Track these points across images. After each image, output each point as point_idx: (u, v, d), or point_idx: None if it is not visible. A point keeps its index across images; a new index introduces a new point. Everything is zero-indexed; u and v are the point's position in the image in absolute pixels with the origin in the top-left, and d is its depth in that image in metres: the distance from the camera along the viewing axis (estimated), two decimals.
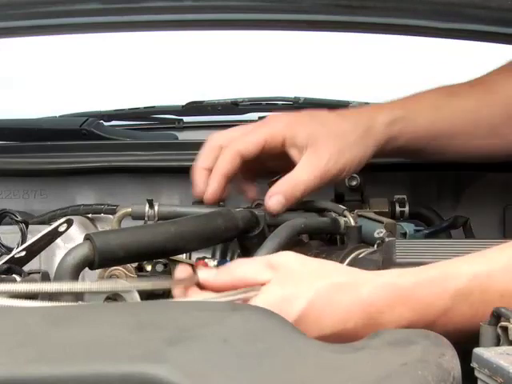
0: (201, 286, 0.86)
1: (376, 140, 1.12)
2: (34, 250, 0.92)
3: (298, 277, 0.82)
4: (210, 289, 0.86)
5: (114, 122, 1.75)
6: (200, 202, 1.14)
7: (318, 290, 0.80)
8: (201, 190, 1.10)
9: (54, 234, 0.94)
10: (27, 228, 1.05)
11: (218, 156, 1.10)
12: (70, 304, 0.84)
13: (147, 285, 0.88)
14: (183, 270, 0.89)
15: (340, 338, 0.77)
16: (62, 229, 0.93)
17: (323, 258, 1.03)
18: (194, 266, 0.97)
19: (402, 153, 1.20)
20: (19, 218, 1.05)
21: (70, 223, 0.93)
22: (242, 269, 0.86)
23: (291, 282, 0.81)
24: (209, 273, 0.87)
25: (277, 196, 1.07)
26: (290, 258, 0.84)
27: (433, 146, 1.18)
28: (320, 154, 1.08)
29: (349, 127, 1.11)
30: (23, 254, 0.90)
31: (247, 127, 1.13)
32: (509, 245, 0.82)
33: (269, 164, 1.13)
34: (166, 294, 1.02)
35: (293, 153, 1.10)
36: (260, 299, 0.81)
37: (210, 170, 1.10)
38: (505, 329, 0.72)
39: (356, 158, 1.11)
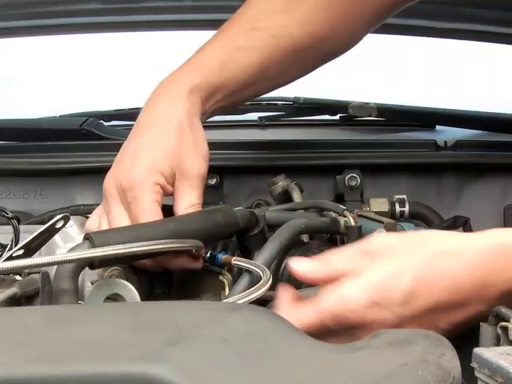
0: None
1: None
2: (32, 248, 0.92)
3: (399, 251, 0.79)
4: (307, 281, 0.84)
5: (114, 122, 1.76)
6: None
7: (423, 260, 0.78)
8: None
9: (52, 231, 0.93)
10: (19, 224, 1.05)
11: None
12: (70, 304, 0.85)
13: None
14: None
15: (457, 307, 0.76)
16: (59, 225, 0.93)
17: None
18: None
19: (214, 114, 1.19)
20: (10, 215, 1.05)
21: (66, 219, 0.93)
22: (338, 259, 0.83)
23: (392, 258, 0.79)
24: (304, 265, 0.85)
25: None
26: (382, 237, 0.82)
27: (229, 100, 1.17)
28: (189, 173, 1.06)
29: (176, 130, 1.07)
30: (21, 252, 0.90)
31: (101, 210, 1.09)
32: None
33: None
34: (167, 293, 1.02)
35: (168, 187, 1.06)
36: (363, 282, 0.78)
37: None
38: (505, 329, 0.72)
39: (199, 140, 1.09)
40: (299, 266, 0.85)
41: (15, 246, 1.01)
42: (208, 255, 1.02)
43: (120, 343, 0.66)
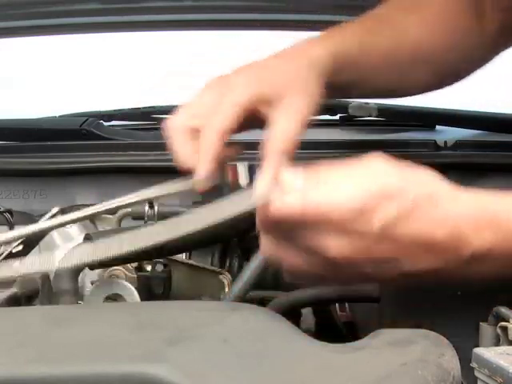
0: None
1: (320, 74, 1.09)
2: (29, 244, 0.92)
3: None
4: (286, 213, 0.77)
5: (114, 122, 1.75)
6: (200, 202, 1.14)
7: (422, 194, 0.78)
8: (187, 164, 0.98)
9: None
10: (12, 217, 1.05)
11: (195, 141, 0.99)
12: (70, 304, 0.85)
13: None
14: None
15: (429, 250, 0.76)
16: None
17: None
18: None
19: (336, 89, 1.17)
20: (2, 209, 1.05)
21: (63, 212, 0.93)
22: (338, 193, 0.78)
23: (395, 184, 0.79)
24: (294, 183, 0.78)
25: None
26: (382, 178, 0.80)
27: (357, 84, 1.14)
28: (293, 103, 1.05)
29: (293, 66, 1.07)
30: (20, 248, 0.90)
31: (206, 101, 1.02)
32: None
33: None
34: (166, 294, 1.02)
35: (264, 110, 1.05)
36: (358, 188, 0.77)
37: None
38: (504, 329, 0.72)
39: (315, 91, 1.08)
40: (289, 181, 0.79)
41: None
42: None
43: (120, 343, 0.66)
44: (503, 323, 0.72)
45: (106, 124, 1.61)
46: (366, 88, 1.17)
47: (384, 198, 0.77)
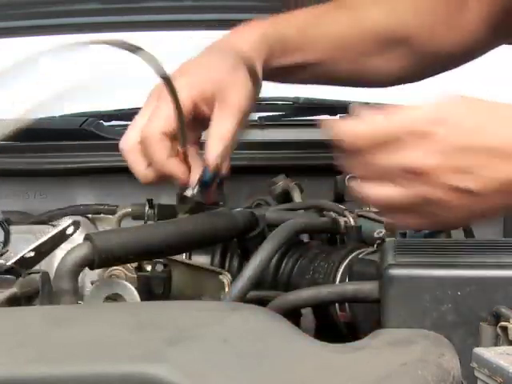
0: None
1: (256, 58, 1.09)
2: (42, 252, 0.92)
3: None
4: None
5: (114, 122, 1.75)
6: (201, 202, 1.14)
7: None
8: (147, 180, 1.04)
9: (62, 236, 0.94)
10: (9, 225, 1.05)
11: (145, 152, 1.03)
12: (70, 304, 0.85)
13: None
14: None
15: (506, 159, 0.79)
16: (69, 231, 0.94)
17: (323, 257, 1.03)
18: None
19: (280, 75, 1.17)
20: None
21: (76, 226, 0.94)
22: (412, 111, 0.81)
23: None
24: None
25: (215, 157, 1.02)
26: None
27: (305, 68, 1.15)
28: (230, 101, 1.05)
29: (222, 62, 1.07)
30: (32, 254, 0.90)
31: (149, 110, 1.05)
32: None
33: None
34: (166, 294, 1.02)
35: (206, 110, 1.06)
36: (431, 107, 0.81)
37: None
38: (504, 329, 0.72)
39: (247, 82, 1.07)
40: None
41: (4, 247, 1.02)
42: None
43: (120, 343, 0.66)
44: (503, 323, 0.72)
45: (105, 124, 1.61)
46: (318, 72, 1.17)
47: (456, 110, 0.80)
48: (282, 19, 1.14)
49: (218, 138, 1.02)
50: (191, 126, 1.03)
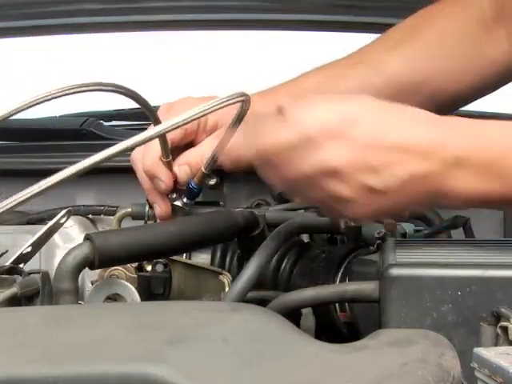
0: None
1: None
2: (38, 244, 0.94)
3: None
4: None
5: (114, 122, 1.75)
6: (201, 202, 1.14)
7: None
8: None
9: (55, 227, 0.95)
10: None
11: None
12: (70, 304, 0.85)
13: None
14: None
15: (417, 155, 0.81)
16: (61, 220, 0.96)
17: (323, 257, 1.03)
18: None
19: None
20: None
21: (69, 214, 0.95)
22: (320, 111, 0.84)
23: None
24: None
25: (184, 167, 1.08)
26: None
27: None
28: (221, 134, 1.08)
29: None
30: (30, 249, 0.91)
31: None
32: None
33: None
34: (166, 294, 1.02)
35: (203, 138, 1.10)
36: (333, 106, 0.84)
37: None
38: (505, 329, 0.72)
39: None
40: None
41: None
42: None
43: (120, 343, 0.66)
44: (503, 323, 0.72)
45: (105, 124, 1.61)
46: None
47: (368, 110, 0.83)
48: (296, 84, 1.15)
49: (197, 158, 1.07)
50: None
